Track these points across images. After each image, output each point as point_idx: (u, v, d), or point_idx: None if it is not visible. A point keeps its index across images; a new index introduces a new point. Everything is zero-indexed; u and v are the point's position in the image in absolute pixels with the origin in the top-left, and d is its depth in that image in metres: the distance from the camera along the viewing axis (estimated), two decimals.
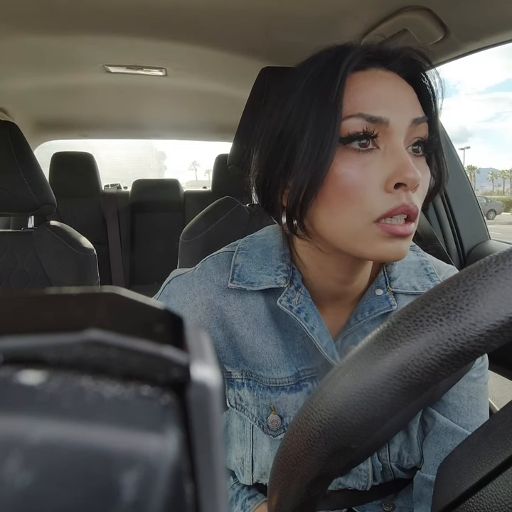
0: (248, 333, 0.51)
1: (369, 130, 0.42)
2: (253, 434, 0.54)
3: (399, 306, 0.51)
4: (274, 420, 0.51)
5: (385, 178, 0.42)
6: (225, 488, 0.10)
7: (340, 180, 0.42)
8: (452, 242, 1.05)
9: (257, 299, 0.51)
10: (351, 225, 0.43)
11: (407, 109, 0.43)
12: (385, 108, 0.42)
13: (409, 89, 0.45)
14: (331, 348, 0.50)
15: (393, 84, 0.44)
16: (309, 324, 0.49)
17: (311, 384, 0.51)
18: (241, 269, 0.52)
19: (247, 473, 0.56)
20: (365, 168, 0.42)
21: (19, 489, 0.07)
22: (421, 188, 0.43)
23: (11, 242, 1.12)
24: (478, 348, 0.18)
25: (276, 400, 0.51)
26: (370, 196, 0.41)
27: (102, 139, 2.73)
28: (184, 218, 2.45)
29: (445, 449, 0.52)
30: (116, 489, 0.08)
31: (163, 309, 0.12)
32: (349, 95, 0.43)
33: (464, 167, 1.11)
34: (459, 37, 0.75)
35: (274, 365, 0.51)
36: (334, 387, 0.21)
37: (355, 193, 0.42)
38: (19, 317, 0.10)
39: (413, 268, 0.54)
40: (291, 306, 0.49)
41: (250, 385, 0.52)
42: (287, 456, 0.23)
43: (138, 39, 1.09)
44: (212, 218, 0.98)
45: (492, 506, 0.23)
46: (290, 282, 0.50)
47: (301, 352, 0.51)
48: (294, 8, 0.88)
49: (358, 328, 0.51)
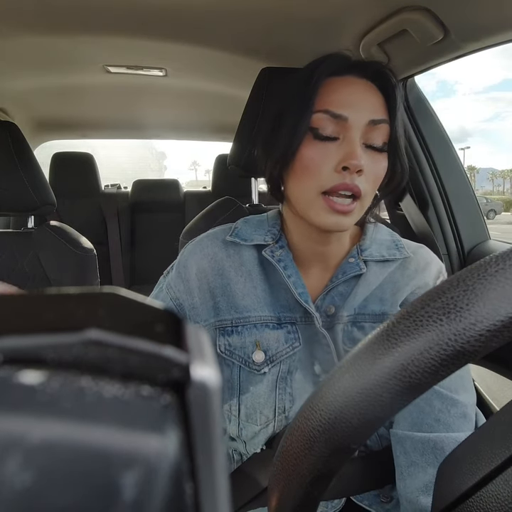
0: (241, 280, 0.62)
1: (332, 124, 0.54)
2: (240, 376, 0.61)
3: (369, 270, 0.61)
4: (258, 355, 0.60)
5: (337, 161, 0.53)
6: (225, 488, 0.10)
7: (305, 159, 0.54)
8: (452, 242, 1.04)
9: (251, 255, 0.63)
10: (306, 194, 0.55)
11: (367, 111, 0.54)
12: (347, 107, 0.53)
13: (375, 95, 0.55)
14: (305, 296, 0.60)
15: (361, 89, 0.55)
16: (287, 272, 0.60)
17: (291, 326, 0.61)
18: (239, 230, 0.65)
19: (233, 418, 0.62)
20: (324, 152, 0.54)
21: (19, 489, 0.07)
22: (371, 175, 0.55)
23: (11, 242, 1.12)
24: (479, 347, 0.18)
25: (260, 335, 0.60)
26: (323, 174, 0.53)
27: (102, 139, 2.73)
28: (184, 218, 2.44)
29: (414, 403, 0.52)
30: (116, 489, 0.08)
31: (163, 309, 0.12)
32: (322, 95, 0.54)
33: (463, 167, 1.11)
34: (459, 37, 0.75)
35: (260, 305, 0.61)
36: (334, 387, 0.21)
37: (313, 169, 0.54)
38: (19, 317, 0.10)
39: (385, 244, 0.64)
40: (273, 255, 0.61)
41: (239, 331, 0.61)
42: (287, 456, 0.23)
43: (138, 39, 1.09)
44: (212, 218, 0.98)
45: (492, 506, 0.23)
46: (276, 241, 0.63)
47: (283, 303, 0.62)
48: (294, 9, 0.88)
49: (333, 289, 0.61)
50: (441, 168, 1.04)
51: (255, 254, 0.64)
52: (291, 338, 0.61)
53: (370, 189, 0.55)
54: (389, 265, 0.62)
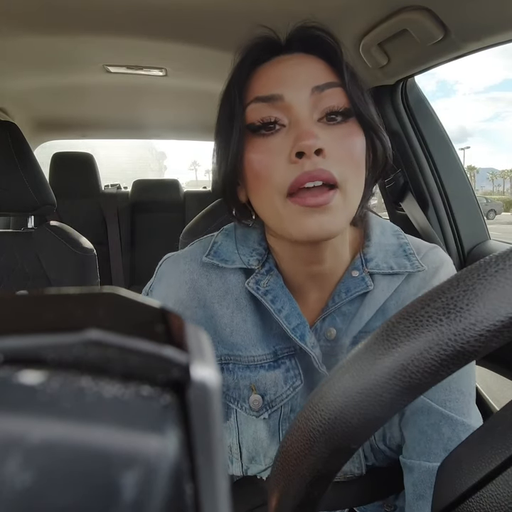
0: (227, 312, 0.52)
1: (267, 110, 0.44)
2: (237, 419, 0.55)
3: (376, 286, 0.51)
4: (255, 400, 0.52)
5: (288, 151, 0.43)
6: (225, 488, 0.10)
7: (252, 165, 0.45)
8: (452, 242, 1.04)
9: (238, 279, 0.53)
10: (270, 205, 0.45)
11: (304, 80, 0.44)
12: (278, 85, 0.44)
13: (313, 62, 0.46)
14: (301, 329, 0.50)
15: (293, 63, 0.46)
16: (276, 306, 0.50)
17: (289, 361, 0.52)
18: (219, 247, 0.54)
19: (236, 461, 0.57)
20: (271, 148, 0.44)
21: (19, 489, 0.07)
22: (341, 152, 0.43)
23: (11, 242, 1.12)
24: (478, 347, 0.18)
25: (255, 378, 0.52)
26: (276, 173, 0.43)
27: (102, 139, 2.73)
28: (184, 218, 2.44)
29: (421, 430, 0.49)
30: (116, 489, 0.08)
31: (163, 309, 0.12)
32: (251, 85, 0.46)
33: (463, 167, 1.11)
34: (459, 37, 0.75)
35: (252, 342, 0.52)
36: (334, 387, 0.21)
37: (264, 173, 0.44)
38: (19, 317, 0.10)
39: (391, 250, 0.53)
40: (258, 287, 0.51)
41: (229, 369, 0.53)
42: (287, 456, 0.23)
43: (138, 39, 1.09)
44: (212, 218, 0.98)
45: (492, 506, 0.23)
46: (262, 265, 0.52)
47: (278, 332, 0.52)
48: (294, 9, 0.88)
49: (335, 309, 0.51)
50: (441, 168, 1.04)
51: (242, 277, 0.53)
52: (291, 376, 0.52)
53: (350, 172, 0.44)
54: (398, 278, 0.52)
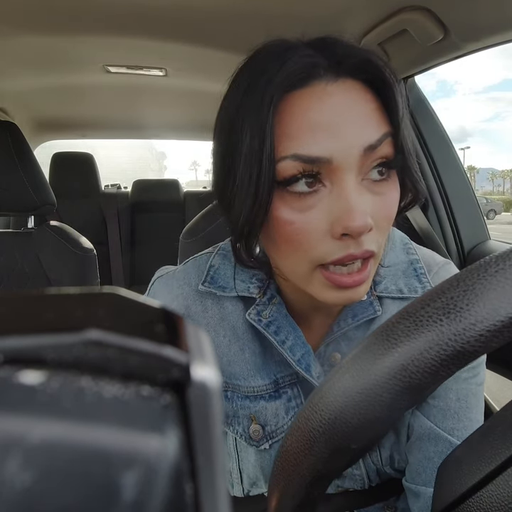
0: (224, 341, 0.49)
1: (307, 170, 0.36)
2: (237, 446, 0.53)
3: (384, 311, 0.48)
4: (255, 430, 0.50)
5: (330, 224, 0.37)
6: (225, 488, 0.10)
7: (282, 226, 0.38)
8: (452, 242, 1.04)
9: (235, 305, 0.49)
10: (297, 270, 0.40)
11: (356, 136, 0.36)
12: (325, 142, 0.35)
13: (362, 100, 0.37)
14: (306, 359, 0.47)
15: (338, 101, 0.36)
16: (280, 338, 0.47)
17: (291, 390, 0.49)
18: (216, 272, 0.49)
19: (236, 485, 0.55)
20: (308, 212, 0.37)
21: (19, 489, 0.07)
22: (382, 214, 0.38)
23: (11, 242, 1.12)
24: (479, 348, 0.18)
25: (255, 409, 0.49)
26: (315, 243, 0.37)
27: (102, 139, 2.73)
28: (184, 218, 2.45)
29: (427, 456, 0.48)
30: (116, 489, 0.08)
31: (163, 309, 0.12)
32: (283, 126, 0.36)
33: (463, 167, 1.11)
34: (459, 37, 0.75)
35: (251, 373, 0.49)
36: (334, 387, 0.21)
37: (299, 240, 0.37)
38: (19, 317, 0.10)
39: (401, 269, 0.49)
40: (260, 319, 0.47)
41: (228, 397, 0.50)
42: (287, 456, 0.23)
43: (138, 39, 1.09)
44: (212, 218, 0.98)
45: (492, 506, 0.23)
46: (263, 293, 0.48)
47: (280, 359, 0.49)
48: (294, 9, 0.88)
49: (341, 335, 0.48)
50: (441, 168, 1.04)
51: (240, 304, 0.49)
52: (293, 406, 0.49)
53: (385, 229, 0.40)
54: (407, 302, 0.49)
